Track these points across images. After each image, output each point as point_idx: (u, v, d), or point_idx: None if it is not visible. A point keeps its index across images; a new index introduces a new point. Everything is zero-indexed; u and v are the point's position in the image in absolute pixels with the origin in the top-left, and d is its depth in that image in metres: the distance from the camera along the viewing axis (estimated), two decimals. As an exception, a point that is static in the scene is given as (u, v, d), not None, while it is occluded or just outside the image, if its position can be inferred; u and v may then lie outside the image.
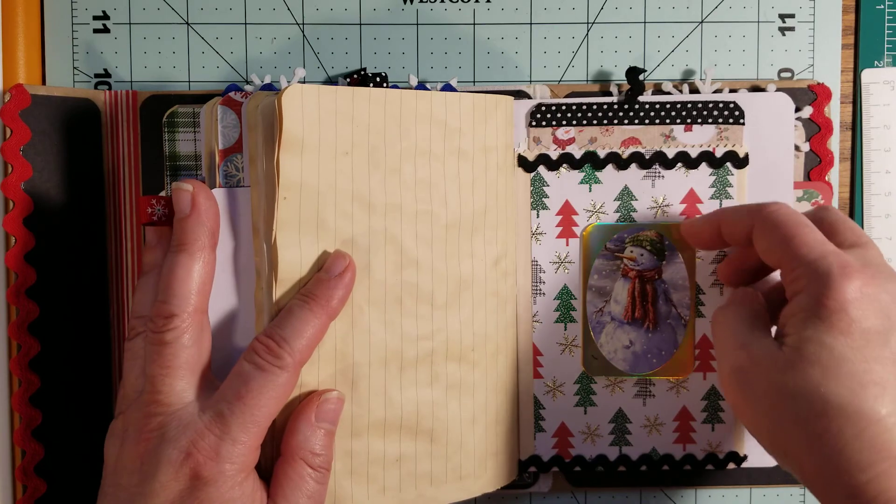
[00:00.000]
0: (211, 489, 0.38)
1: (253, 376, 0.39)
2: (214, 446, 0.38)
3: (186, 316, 0.40)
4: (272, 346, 0.40)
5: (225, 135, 0.44)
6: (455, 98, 0.45)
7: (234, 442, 0.38)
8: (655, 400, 0.50)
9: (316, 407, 0.41)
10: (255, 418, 0.39)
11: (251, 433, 0.39)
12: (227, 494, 0.38)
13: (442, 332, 0.45)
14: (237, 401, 0.39)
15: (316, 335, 0.41)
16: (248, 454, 0.39)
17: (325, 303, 0.41)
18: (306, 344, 0.40)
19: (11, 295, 0.47)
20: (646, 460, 0.50)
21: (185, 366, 0.40)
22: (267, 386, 0.39)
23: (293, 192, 0.41)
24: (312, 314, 0.40)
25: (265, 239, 0.42)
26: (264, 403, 0.39)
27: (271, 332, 0.40)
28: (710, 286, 0.49)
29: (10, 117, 0.46)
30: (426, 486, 0.46)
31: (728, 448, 0.50)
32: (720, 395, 0.50)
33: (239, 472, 0.38)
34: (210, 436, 0.38)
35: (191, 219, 0.41)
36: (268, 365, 0.39)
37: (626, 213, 0.49)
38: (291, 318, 0.40)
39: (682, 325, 0.49)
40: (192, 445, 0.38)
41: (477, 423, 0.47)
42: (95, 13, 0.50)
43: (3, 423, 0.48)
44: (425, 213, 0.45)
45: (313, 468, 0.40)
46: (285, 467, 0.40)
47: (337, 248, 0.42)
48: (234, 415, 0.38)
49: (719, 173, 0.49)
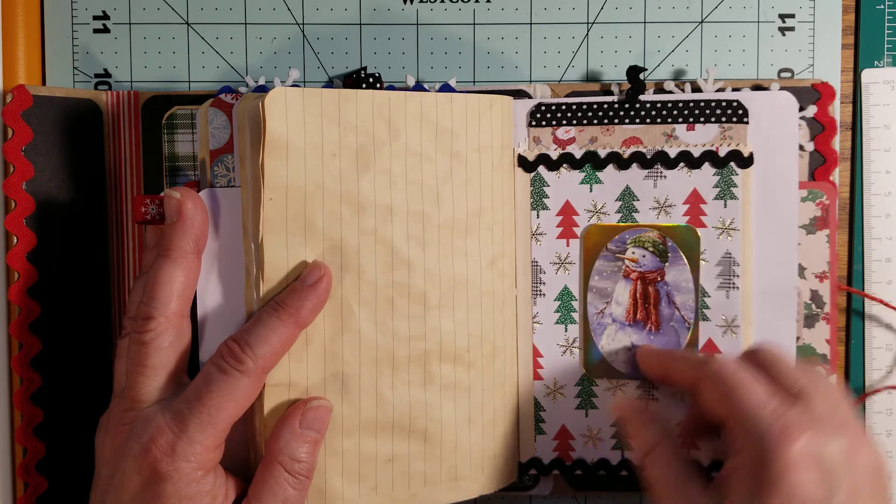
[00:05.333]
0: (167, 485, 0.38)
1: (214, 378, 0.40)
2: (171, 444, 0.39)
3: (164, 319, 0.41)
4: (236, 350, 0.40)
5: (215, 136, 0.44)
6: (446, 98, 0.45)
7: (190, 441, 0.39)
8: (658, 403, 0.49)
9: (301, 414, 0.42)
10: (212, 419, 0.39)
11: (208, 433, 0.39)
12: (183, 490, 0.39)
13: (435, 332, 0.45)
14: (196, 401, 0.39)
15: (283, 343, 0.41)
16: (204, 453, 0.39)
17: (294, 312, 0.41)
18: (271, 351, 0.41)
19: (13, 294, 0.47)
20: (648, 464, 0.50)
21: (159, 366, 0.41)
22: (226, 389, 0.39)
23: (279, 194, 0.42)
24: (280, 322, 0.41)
25: (253, 239, 0.42)
26: (223, 406, 0.39)
27: (238, 337, 0.41)
28: (715, 289, 0.48)
29: (11, 118, 0.47)
30: (420, 486, 0.46)
31: None
32: None
33: (196, 469, 0.39)
34: (168, 433, 0.39)
35: (177, 226, 0.42)
36: (230, 368, 0.40)
37: (628, 213, 0.49)
38: (259, 324, 0.41)
39: (685, 328, 0.48)
40: (151, 442, 0.39)
41: (473, 424, 0.47)
42: (95, 13, 0.50)
43: (4, 421, 0.48)
44: (417, 214, 0.45)
45: (292, 474, 0.41)
46: (264, 471, 0.41)
47: (315, 259, 0.43)
48: (193, 414, 0.39)
49: (723, 173, 0.48)
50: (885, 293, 0.52)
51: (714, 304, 0.48)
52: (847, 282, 0.52)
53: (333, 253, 0.43)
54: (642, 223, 0.49)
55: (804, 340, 0.50)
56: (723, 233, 0.48)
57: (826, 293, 0.50)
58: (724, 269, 0.48)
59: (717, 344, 0.48)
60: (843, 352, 0.52)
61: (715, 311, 0.48)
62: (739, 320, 0.48)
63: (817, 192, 0.49)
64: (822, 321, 0.50)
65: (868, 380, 0.52)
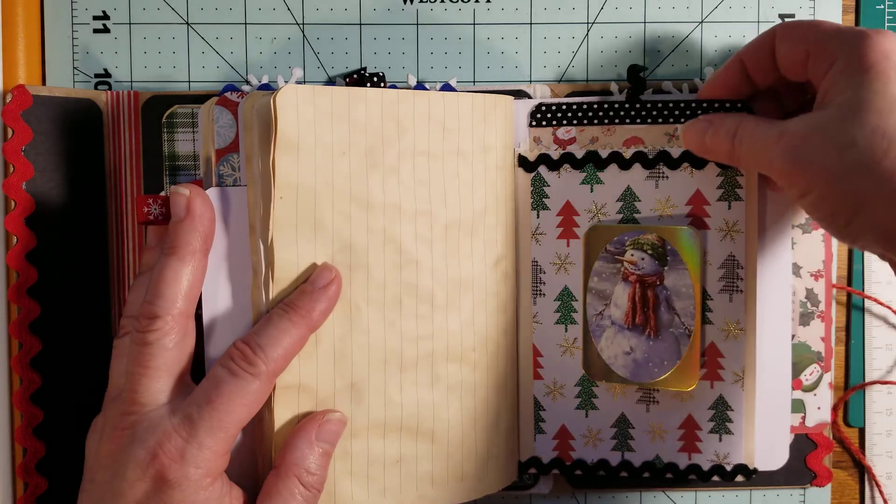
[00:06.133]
0: (175, 492, 0.38)
1: (225, 381, 0.39)
2: (180, 449, 0.38)
3: (170, 318, 0.40)
4: (247, 352, 0.40)
5: (221, 135, 0.44)
6: (453, 98, 0.45)
7: (200, 446, 0.38)
8: (659, 406, 0.49)
9: (318, 426, 0.41)
10: (223, 424, 0.38)
11: (218, 438, 0.38)
12: (190, 498, 0.38)
13: (442, 332, 0.45)
14: (207, 405, 0.38)
15: (294, 346, 0.40)
16: (214, 459, 0.38)
17: (305, 314, 0.41)
18: (282, 354, 0.40)
19: (13, 294, 0.47)
20: (649, 467, 0.49)
21: (164, 367, 0.40)
22: (238, 392, 0.39)
23: (289, 193, 0.41)
24: (292, 324, 0.40)
25: (262, 238, 0.42)
26: (233, 410, 0.39)
27: (248, 339, 0.40)
28: (718, 292, 0.47)
29: (11, 118, 0.47)
30: (427, 487, 0.46)
31: (736, 460, 0.48)
32: (728, 404, 0.48)
33: (204, 476, 0.38)
34: (177, 438, 0.38)
35: (185, 223, 0.41)
36: (241, 371, 0.39)
37: (629, 214, 0.48)
38: (270, 326, 0.40)
39: (685, 335, 0.47)
40: (158, 447, 0.38)
41: (478, 424, 0.47)
42: (95, 13, 0.50)
43: (4, 421, 0.48)
44: (424, 213, 0.45)
45: (305, 487, 0.40)
46: (277, 482, 0.40)
47: (325, 261, 0.42)
48: (203, 419, 0.38)
49: (728, 173, 0.47)
50: (885, 293, 0.52)
51: (717, 307, 0.48)
52: (847, 282, 0.52)
53: (343, 252, 0.43)
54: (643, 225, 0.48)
55: (799, 338, 0.50)
56: (727, 235, 0.47)
57: (821, 291, 0.50)
58: (727, 271, 0.47)
59: (721, 348, 0.48)
60: (843, 351, 0.52)
61: (718, 315, 0.48)
62: (743, 324, 0.47)
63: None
64: (818, 319, 0.50)
65: (868, 379, 0.52)
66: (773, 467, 0.49)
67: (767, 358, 0.48)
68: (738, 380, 0.48)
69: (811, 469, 0.51)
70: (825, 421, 0.51)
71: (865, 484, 0.53)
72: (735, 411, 0.48)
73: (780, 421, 0.49)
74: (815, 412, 0.51)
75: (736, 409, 0.48)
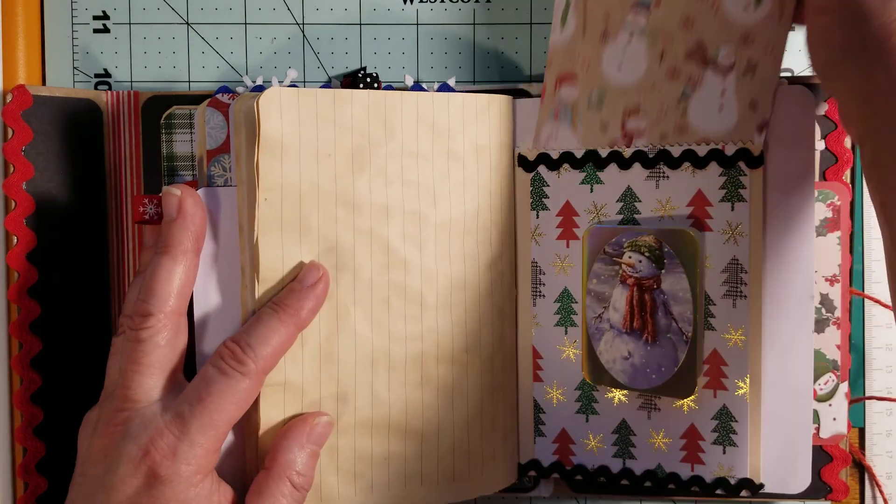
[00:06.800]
0: (166, 488, 0.38)
1: (215, 380, 0.40)
2: (172, 446, 0.38)
3: (163, 316, 0.40)
4: (237, 351, 0.40)
5: (212, 136, 0.45)
6: (443, 98, 0.45)
7: (191, 444, 0.39)
8: (661, 414, 0.47)
9: (309, 430, 0.42)
10: (213, 422, 0.39)
11: (209, 436, 0.39)
12: (181, 494, 0.38)
13: (433, 333, 0.45)
14: (198, 403, 0.39)
15: (283, 344, 0.41)
16: (204, 456, 0.39)
17: (294, 312, 0.41)
18: (271, 352, 0.41)
19: (13, 294, 0.47)
20: (650, 476, 0.48)
21: (156, 364, 0.40)
22: (228, 391, 0.39)
23: (273, 194, 0.42)
24: (280, 323, 0.41)
25: (248, 238, 0.42)
26: (224, 408, 0.39)
27: (238, 338, 0.41)
28: (721, 297, 0.45)
29: (11, 118, 0.47)
30: (416, 486, 0.46)
31: (741, 474, 0.46)
32: (732, 415, 0.46)
33: (195, 473, 0.39)
34: (169, 435, 0.39)
35: (176, 223, 0.42)
36: (231, 370, 0.40)
37: (629, 215, 0.47)
38: (259, 325, 0.41)
39: (683, 341, 0.46)
40: (150, 443, 0.38)
41: (472, 425, 0.47)
42: (95, 13, 0.50)
43: (4, 421, 0.49)
44: (413, 214, 0.45)
45: (295, 487, 0.41)
46: (269, 482, 0.41)
47: (312, 259, 0.43)
48: (194, 417, 0.39)
49: (730, 173, 0.45)
50: (885, 293, 0.50)
51: (720, 312, 0.46)
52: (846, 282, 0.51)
53: (329, 253, 0.43)
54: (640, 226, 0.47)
55: (813, 346, 0.48)
56: (730, 237, 0.45)
57: (837, 297, 0.48)
58: (730, 275, 0.45)
59: (724, 356, 0.46)
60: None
61: (721, 321, 0.46)
62: (748, 330, 0.45)
63: (828, 193, 0.47)
64: (833, 326, 0.48)
65: (868, 379, 0.51)
66: (795, 490, 0.47)
67: (779, 369, 0.46)
68: (743, 390, 0.46)
69: (826, 483, 0.49)
70: (841, 433, 0.48)
71: (866, 484, 0.52)
72: (739, 423, 0.46)
73: (800, 441, 0.46)
74: (830, 423, 0.49)
75: (741, 420, 0.46)
